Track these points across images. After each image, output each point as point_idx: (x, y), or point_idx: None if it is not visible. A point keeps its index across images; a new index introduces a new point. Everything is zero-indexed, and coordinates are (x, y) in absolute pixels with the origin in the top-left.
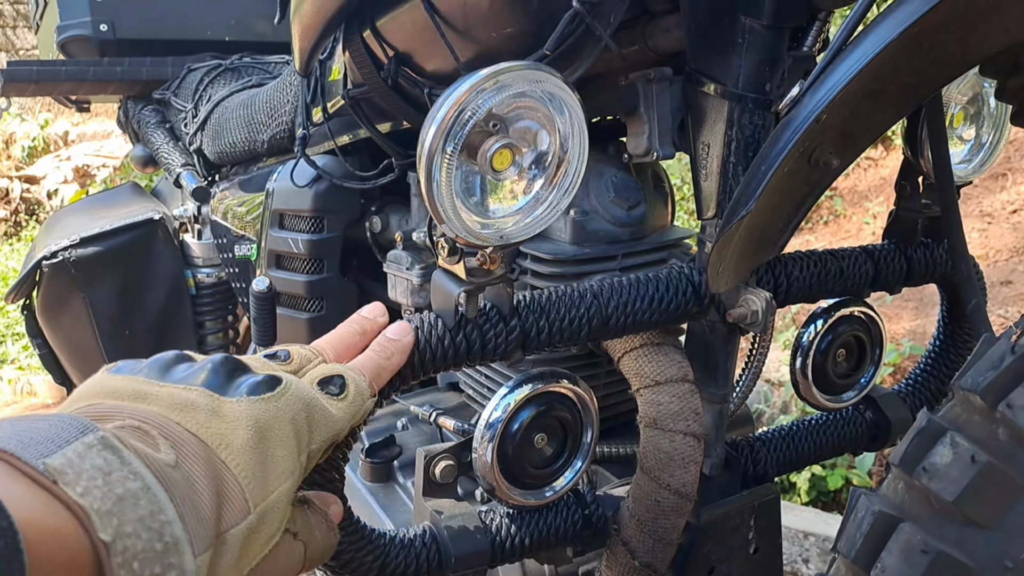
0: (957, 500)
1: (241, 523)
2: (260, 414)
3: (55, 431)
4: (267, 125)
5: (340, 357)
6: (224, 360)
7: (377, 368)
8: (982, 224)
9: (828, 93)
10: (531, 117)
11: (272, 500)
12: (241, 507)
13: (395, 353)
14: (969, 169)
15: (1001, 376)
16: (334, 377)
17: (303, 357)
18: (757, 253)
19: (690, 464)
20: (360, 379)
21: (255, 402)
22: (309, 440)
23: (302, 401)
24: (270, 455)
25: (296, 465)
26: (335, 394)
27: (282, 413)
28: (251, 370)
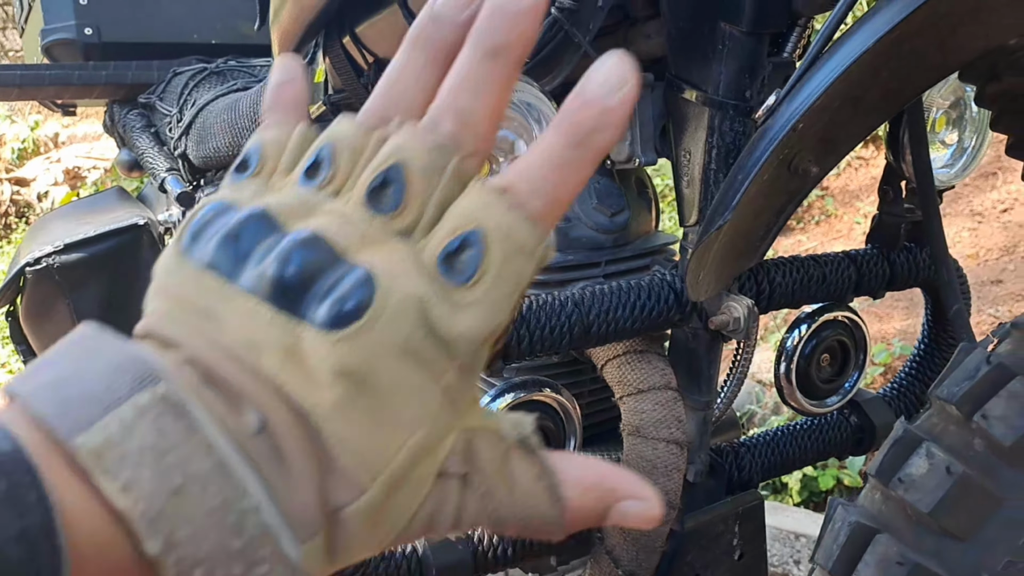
0: (933, 511)
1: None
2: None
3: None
4: (251, 129)
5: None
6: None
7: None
8: (972, 223)
9: (805, 101)
10: (508, 127)
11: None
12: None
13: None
14: (952, 173)
15: (977, 386)
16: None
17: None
18: (738, 260)
19: (673, 472)
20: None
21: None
22: (444, 363)
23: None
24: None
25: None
26: (466, 275)
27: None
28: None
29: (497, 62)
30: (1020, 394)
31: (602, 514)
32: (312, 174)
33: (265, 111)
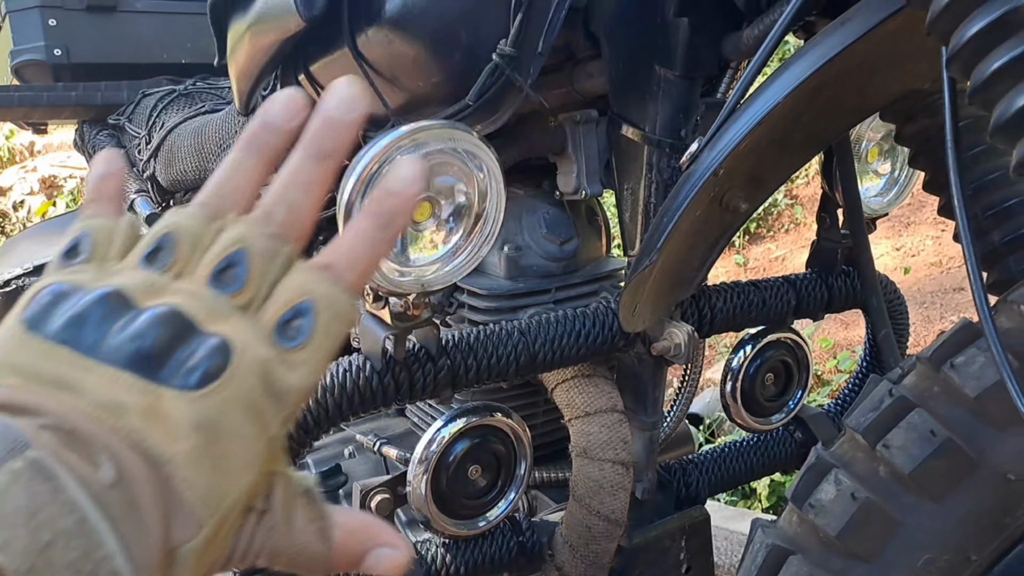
0: (840, 534)
1: (196, 540)
2: (206, 411)
3: None
4: (216, 154)
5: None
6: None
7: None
8: (936, 232)
9: (725, 147)
10: (449, 172)
11: (231, 502)
12: (192, 523)
13: (398, 214)
14: (884, 202)
15: (880, 417)
16: (300, 305)
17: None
18: (673, 292)
19: (619, 491)
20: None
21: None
22: (269, 423)
23: (257, 376)
24: (223, 456)
25: (254, 456)
26: (297, 340)
27: (232, 404)
28: (196, 329)
29: (324, 165)
30: (918, 425)
31: (362, 556)
32: (152, 259)
33: (87, 202)
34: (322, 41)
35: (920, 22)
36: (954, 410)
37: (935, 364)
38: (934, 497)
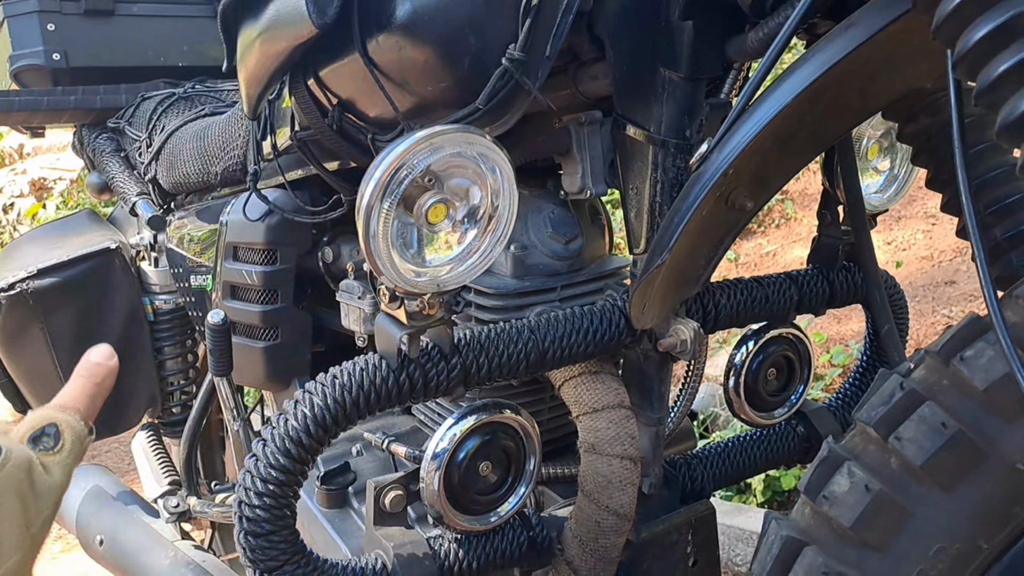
0: (854, 525)
1: None
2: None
3: None
4: (220, 158)
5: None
6: None
7: (87, 395)
8: (927, 226)
9: (734, 149)
10: (464, 175)
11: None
12: None
13: (105, 376)
14: (884, 199)
15: (892, 410)
16: (45, 427)
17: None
18: (680, 290)
19: (627, 486)
20: (72, 419)
21: None
22: (36, 511)
23: (23, 470)
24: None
25: (23, 540)
26: (50, 448)
27: (6, 489)
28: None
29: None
30: (929, 418)
31: None
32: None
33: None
34: (332, 47)
35: (923, 24)
36: (963, 402)
37: (944, 358)
38: (945, 488)
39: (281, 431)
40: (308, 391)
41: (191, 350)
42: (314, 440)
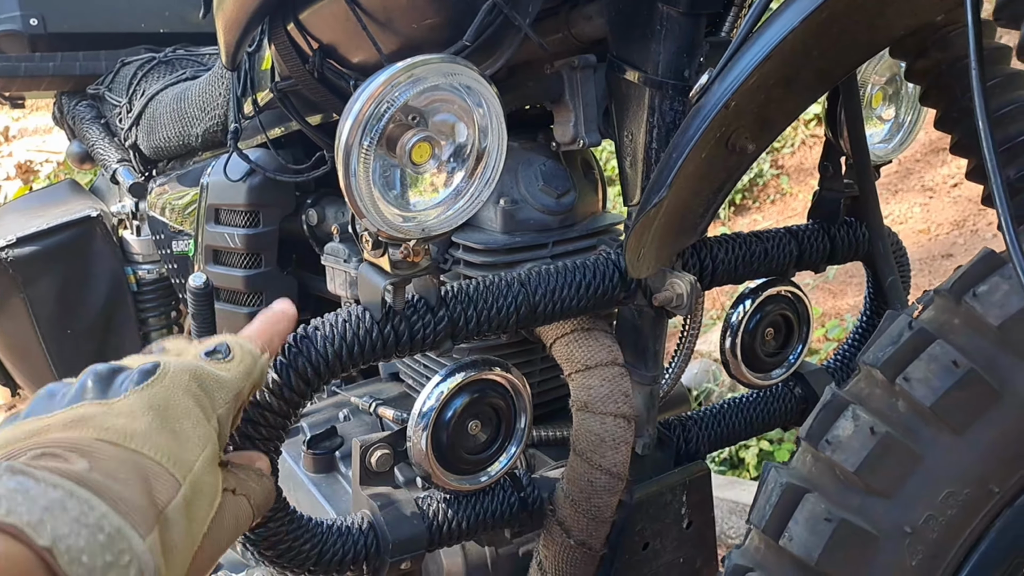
0: (858, 470)
1: (176, 496)
2: (151, 398)
3: None
4: (200, 119)
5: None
6: (98, 370)
7: (265, 333)
8: (924, 199)
9: (736, 79)
10: (449, 110)
11: (198, 468)
12: (170, 483)
13: (281, 320)
14: (889, 148)
15: (899, 351)
16: (217, 346)
17: (181, 347)
18: (678, 238)
19: (621, 445)
20: (245, 342)
21: (141, 391)
22: (212, 406)
23: (188, 373)
24: (178, 430)
25: (208, 431)
26: (222, 358)
27: (173, 390)
28: (127, 368)
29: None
30: (939, 357)
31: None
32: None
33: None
34: None
35: None
36: (976, 340)
37: (955, 295)
38: (956, 429)
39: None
40: (288, 343)
41: (176, 321)
42: (296, 393)
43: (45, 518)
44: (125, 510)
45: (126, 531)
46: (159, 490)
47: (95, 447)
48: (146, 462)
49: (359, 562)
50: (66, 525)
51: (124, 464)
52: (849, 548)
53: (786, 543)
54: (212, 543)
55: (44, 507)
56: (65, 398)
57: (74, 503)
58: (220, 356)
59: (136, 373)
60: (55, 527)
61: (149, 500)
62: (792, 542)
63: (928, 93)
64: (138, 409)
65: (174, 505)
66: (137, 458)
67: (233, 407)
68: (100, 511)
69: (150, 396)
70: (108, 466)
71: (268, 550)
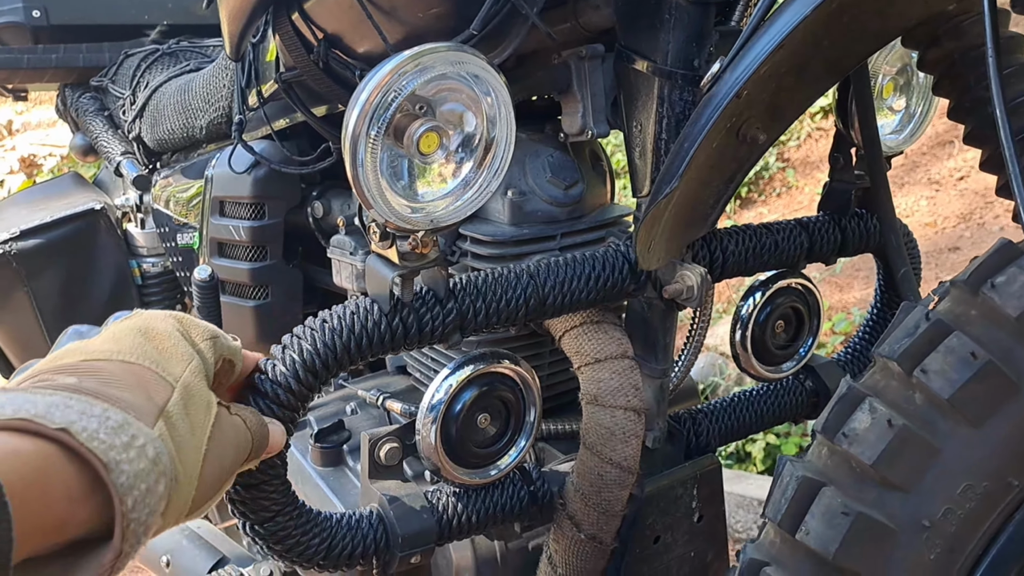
0: (876, 463)
1: (173, 396)
2: (131, 324)
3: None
4: (204, 111)
5: None
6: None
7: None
8: (930, 192)
9: (748, 68)
10: (457, 99)
11: (187, 375)
12: (163, 385)
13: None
14: (900, 139)
15: (916, 343)
16: None
17: None
18: (688, 229)
19: (631, 438)
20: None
21: (123, 320)
22: (192, 337)
23: (165, 312)
24: (162, 346)
25: (191, 351)
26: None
27: (152, 317)
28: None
29: None
30: (957, 349)
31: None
32: None
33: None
34: None
35: None
36: (994, 332)
37: (972, 287)
38: (973, 422)
39: (270, 376)
40: (297, 335)
41: None
42: (303, 386)
43: (51, 412)
44: (125, 407)
45: (132, 421)
46: (155, 391)
47: (81, 366)
48: (135, 368)
49: (368, 556)
50: (74, 414)
51: (114, 372)
52: (866, 542)
53: (802, 537)
54: (216, 458)
55: (48, 404)
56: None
57: (75, 402)
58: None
59: (112, 317)
60: (64, 414)
61: (147, 399)
62: (809, 536)
63: (941, 83)
64: (120, 333)
65: (172, 402)
66: (126, 367)
67: (211, 347)
68: (101, 407)
69: (130, 323)
70: (99, 377)
71: (276, 544)
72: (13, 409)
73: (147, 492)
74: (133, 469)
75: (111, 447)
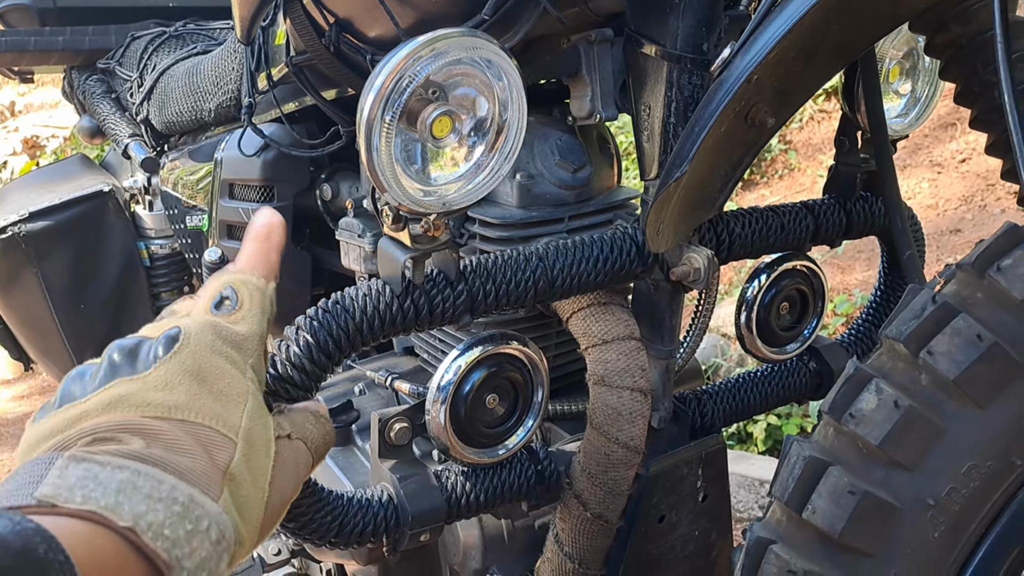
0: (882, 443)
1: (235, 454)
2: (182, 365)
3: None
4: (213, 94)
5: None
6: (119, 347)
7: (259, 253)
8: (932, 174)
9: (759, 53)
10: (469, 84)
11: (246, 423)
12: (225, 443)
13: (271, 231)
14: (906, 123)
15: (923, 325)
16: (223, 293)
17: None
18: (696, 212)
19: (637, 418)
20: (246, 276)
21: (170, 360)
22: (243, 358)
23: (210, 332)
24: (217, 391)
25: (245, 384)
26: (231, 309)
27: (201, 352)
28: (149, 338)
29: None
30: (963, 331)
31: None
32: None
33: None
34: None
35: None
36: (1000, 314)
37: (979, 269)
38: (979, 403)
39: (283, 357)
40: (310, 316)
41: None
42: (317, 367)
43: (121, 499)
44: (192, 479)
45: (198, 498)
46: (217, 453)
47: (144, 423)
48: (197, 429)
49: (379, 534)
50: (142, 503)
51: (177, 435)
52: (872, 521)
53: (809, 516)
54: (278, 492)
55: (117, 489)
56: (96, 379)
57: (143, 480)
58: (230, 305)
59: (160, 343)
60: (132, 506)
61: (211, 464)
62: (815, 515)
63: (948, 67)
64: (173, 378)
65: (235, 463)
66: (188, 427)
67: (261, 351)
68: (169, 483)
69: (180, 363)
70: (163, 440)
71: (291, 522)
72: (83, 496)
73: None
74: (194, 562)
75: (175, 543)
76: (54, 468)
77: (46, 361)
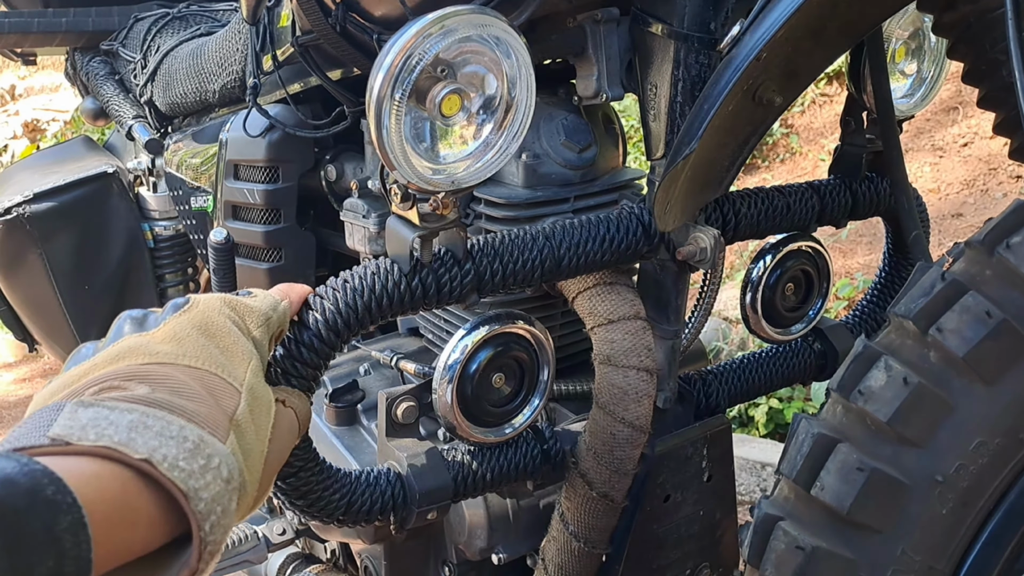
0: (891, 420)
1: (240, 403)
2: (190, 320)
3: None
4: (217, 75)
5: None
6: (132, 313)
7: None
8: (934, 158)
9: (767, 31)
10: (478, 62)
11: (250, 377)
12: (231, 392)
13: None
14: (911, 103)
15: (932, 302)
16: (239, 291)
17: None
18: (703, 191)
19: (643, 398)
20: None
21: (179, 316)
22: (246, 327)
23: (219, 300)
24: (223, 345)
25: (249, 346)
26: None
27: (208, 312)
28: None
29: None
30: (972, 308)
31: None
32: None
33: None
34: None
35: None
36: (1009, 292)
37: (988, 247)
38: (988, 380)
39: (292, 335)
40: (319, 295)
41: (192, 278)
42: (326, 345)
43: (133, 435)
44: (199, 420)
45: (207, 438)
46: (223, 399)
47: (151, 370)
48: (204, 376)
49: (387, 512)
50: (154, 439)
51: (184, 380)
52: (881, 497)
53: (818, 492)
54: (274, 452)
55: (128, 427)
56: (105, 343)
57: (153, 421)
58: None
59: (169, 306)
60: (146, 441)
61: (218, 408)
62: (824, 491)
63: (956, 46)
64: (181, 331)
65: (240, 411)
66: (194, 373)
67: (265, 332)
68: (178, 424)
69: (189, 319)
70: (168, 385)
71: (299, 499)
72: (96, 434)
73: (223, 514)
74: (210, 494)
75: (190, 474)
76: (64, 412)
77: (50, 342)
